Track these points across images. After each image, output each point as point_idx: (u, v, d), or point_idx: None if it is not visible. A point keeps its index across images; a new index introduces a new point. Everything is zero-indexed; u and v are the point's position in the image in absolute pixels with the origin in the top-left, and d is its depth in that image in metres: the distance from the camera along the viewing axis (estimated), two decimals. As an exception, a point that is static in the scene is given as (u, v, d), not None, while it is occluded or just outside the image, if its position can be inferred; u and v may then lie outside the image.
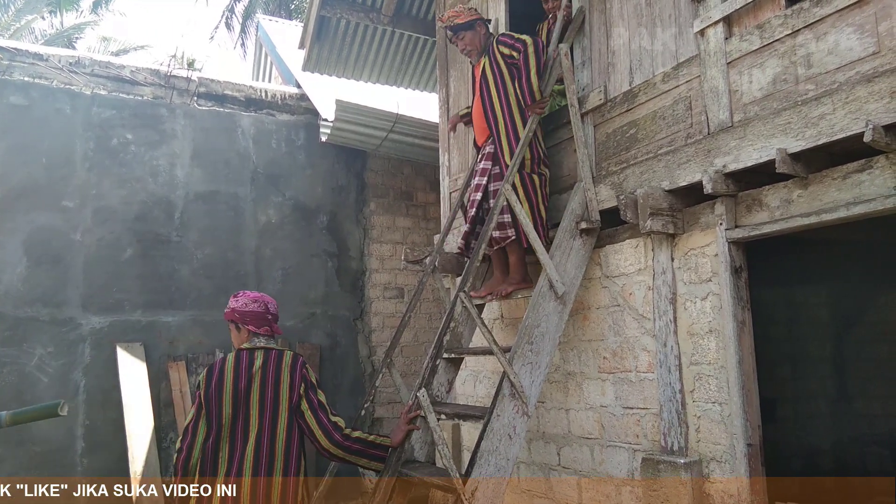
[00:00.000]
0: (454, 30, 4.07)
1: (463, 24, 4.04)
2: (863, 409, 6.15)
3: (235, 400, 2.70)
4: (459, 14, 4.06)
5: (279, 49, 8.86)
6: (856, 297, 6.16)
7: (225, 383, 2.72)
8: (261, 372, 2.75)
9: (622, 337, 3.65)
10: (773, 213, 2.98)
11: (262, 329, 2.87)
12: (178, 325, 6.52)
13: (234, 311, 2.89)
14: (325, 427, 2.78)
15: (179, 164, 6.75)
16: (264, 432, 2.69)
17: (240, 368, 2.75)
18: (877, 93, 2.47)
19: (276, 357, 2.81)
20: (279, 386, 2.76)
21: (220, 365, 2.78)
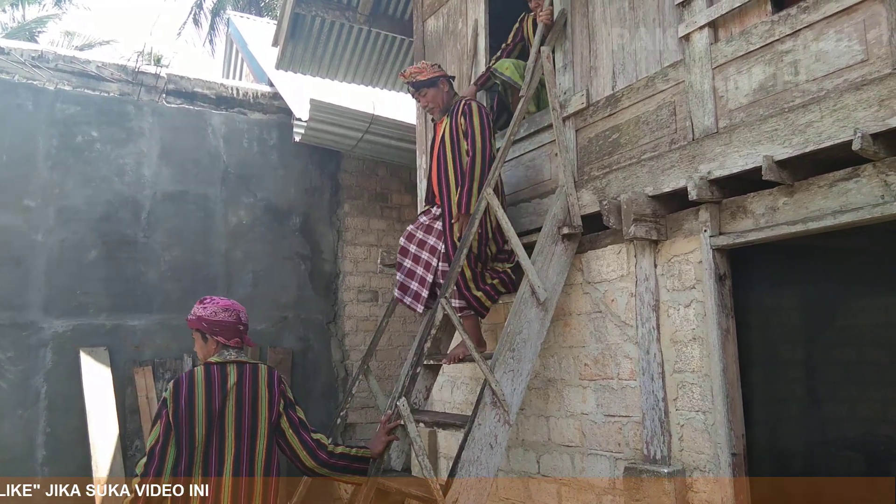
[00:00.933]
0: (416, 86, 3.93)
1: (425, 81, 3.91)
2: (832, 413, 6.23)
3: (209, 421, 2.48)
4: (422, 70, 3.93)
5: (251, 46, 8.68)
6: (825, 301, 6.24)
7: (196, 402, 2.48)
8: (236, 389, 2.55)
9: (604, 344, 3.60)
10: (759, 220, 2.96)
11: (232, 341, 2.65)
12: (145, 330, 6.33)
13: (202, 320, 2.64)
14: (309, 446, 2.64)
15: (147, 162, 6.56)
16: (242, 457, 2.50)
17: (212, 385, 2.52)
18: (865, 101, 2.46)
19: (251, 372, 2.62)
20: (257, 404, 2.58)
21: (189, 381, 2.52)
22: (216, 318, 2.64)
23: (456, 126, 3.83)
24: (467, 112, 3.81)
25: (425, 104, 3.99)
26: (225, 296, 6.59)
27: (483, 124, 3.79)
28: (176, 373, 6.32)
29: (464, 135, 3.79)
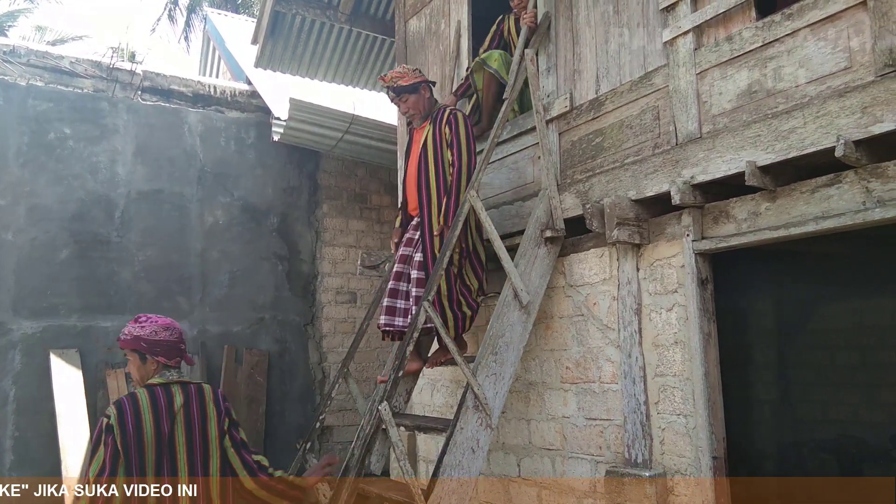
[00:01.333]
0: (397, 91, 3.81)
1: (407, 87, 3.79)
2: (805, 415, 6.31)
3: (159, 446, 2.39)
4: (403, 75, 3.82)
5: (229, 44, 8.57)
6: (798, 305, 6.33)
7: (144, 427, 2.38)
8: (184, 411, 2.46)
9: (586, 347, 3.60)
10: (741, 225, 2.98)
11: (173, 360, 2.56)
12: (118, 331, 6.02)
13: (141, 340, 2.53)
14: (250, 466, 2.58)
15: (121, 160, 6.43)
16: (197, 481, 2.43)
17: (159, 408, 2.43)
18: (848, 108, 2.48)
19: (196, 392, 2.54)
20: (207, 424, 2.50)
21: (133, 405, 2.41)
22: (157, 337, 2.55)
23: (440, 135, 3.76)
24: (453, 122, 3.74)
25: (405, 110, 3.89)
26: (201, 297, 6.54)
27: (469, 136, 3.75)
28: (149, 375, 6.20)
29: (448, 145, 3.73)
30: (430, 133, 3.80)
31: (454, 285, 3.62)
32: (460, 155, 3.70)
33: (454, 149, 3.71)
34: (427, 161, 3.77)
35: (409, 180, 3.95)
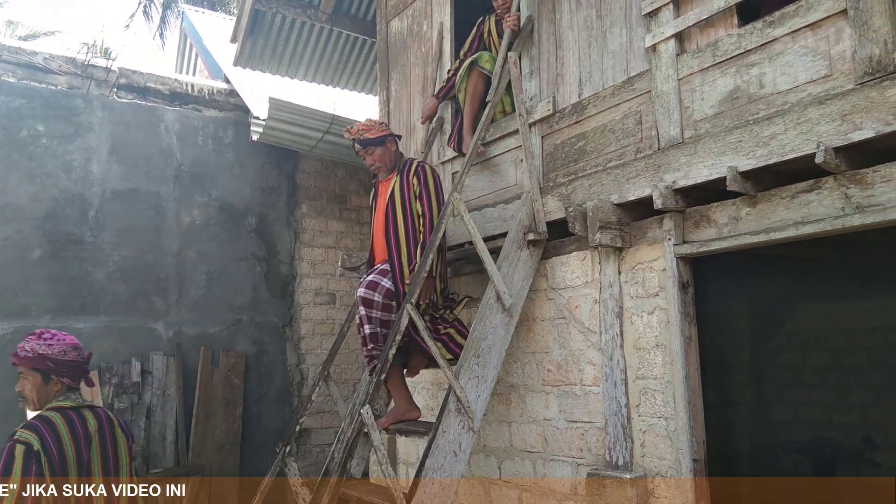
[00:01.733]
0: (363, 144, 3.79)
1: (374, 140, 3.77)
2: (779, 416, 6.41)
3: (80, 471, 2.34)
4: (370, 128, 3.79)
5: (206, 42, 8.47)
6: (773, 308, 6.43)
7: (67, 452, 2.32)
8: (98, 436, 2.43)
9: (567, 350, 3.61)
10: (721, 229, 3.01)
11: (77, 382, 2.50)
12: (91, 332, 6.09)
13: (46, 360, 2.40)
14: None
15: (96, 159, 6.32)
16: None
17: (76, 432, 2.36)
18: (828, 115, 2.52)
19: (105, 416, 2.52)
20: (118, 450, 2.49)
21: (52, 429, 2.33)
22: (65, 357, 2.45)
23: (408, 186, 3.73)
24: (421, 174, 3.72)
25: (371, 163, 3.83)
26: (177, 298, 6.45)
27: (437, 187, 3.74)
28: (123, 378, 6.11)
29: (416, 196, 3.70)
30: (398, 185, 3.76)
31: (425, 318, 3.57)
32: (430, 206, 3.67)
33: (423, 200, 3.68)
34: (395, 213, 3.73)
35: (376, 233, 3.88)
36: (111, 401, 5.94)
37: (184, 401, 6.30)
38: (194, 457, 6.15)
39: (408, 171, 3.76)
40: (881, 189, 2.45)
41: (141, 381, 6.15)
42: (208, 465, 6.22)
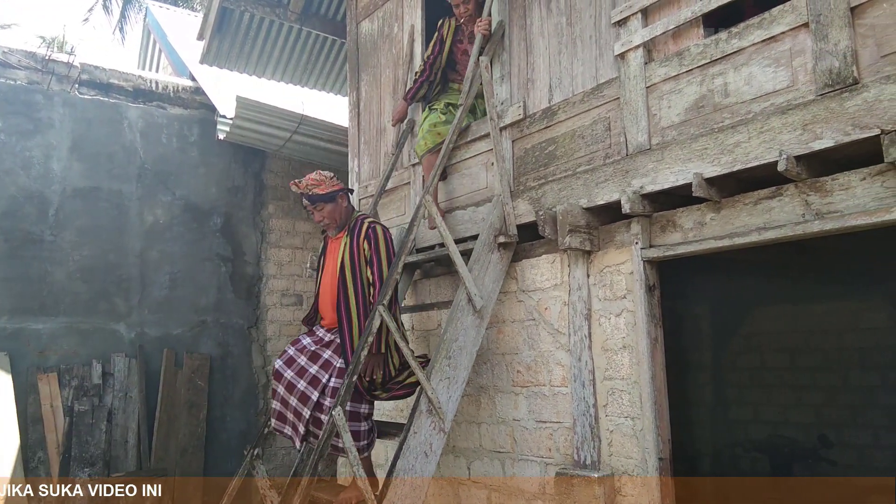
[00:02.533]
0: (312, 199, 3.58)
1: (323, 196, 3.58)
2: (739, 416, 6.58)
3: None
4: (320, 183, 3.59)
5: (171, 38, 8.34)
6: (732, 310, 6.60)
7: None
8: None
9: (537, 351, 3.66)
10: (687, 234, 3.09)
11: None
12: (50, 334, 5.95)
13: None
14: None
15: (56, 156, 6.18)
16: None
17: None
18: (790, 124, 2.61)
19: None
20: None
21: None
22: None
23: (358, 250, 3.56)
24: (372, 238, 3.56)
25: (320, 219, 3.63)
26: (140, 298, 6.34)
27: (389, 251, 3.58)
28: (84, 380, 5.98)
29: (367, 262, 3.55)
30: (348, 248, 3.58)
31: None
32: (381, 273, 3.51)
33: (374, 267, 3.53)
34: (345, 279, 3.54)
35: (323, 293, 3.70)
36: (71, 403, 5.81)
37: (146, 403, 6.20)
38: (157, 460, 6.05)
39: (358, 233, 3.57)
40: (839, 196, 2.55)
41: (102, 383, 6.03)
42: (172, 468, 6.12)
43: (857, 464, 5.71)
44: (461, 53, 4.34)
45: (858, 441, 5.78)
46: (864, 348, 5.98)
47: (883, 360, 5.81)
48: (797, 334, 6.29)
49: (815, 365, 6.18)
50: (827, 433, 5.52)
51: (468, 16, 4.18)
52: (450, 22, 4.38)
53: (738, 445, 6.11)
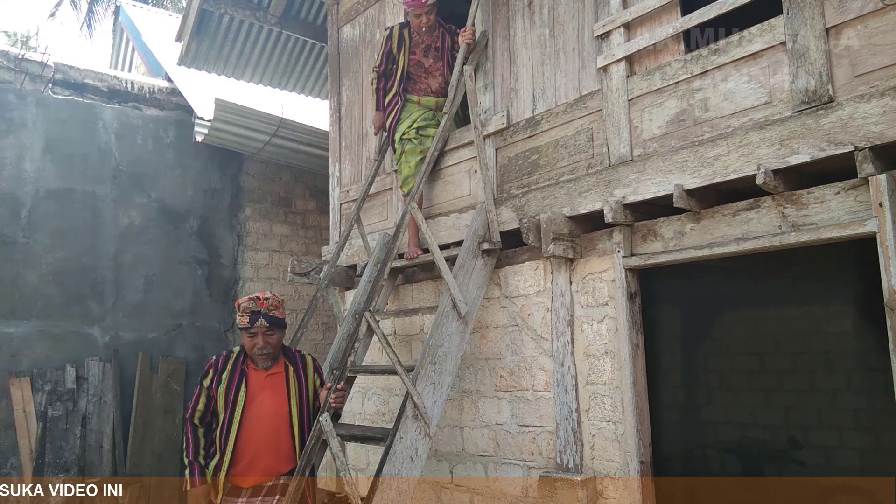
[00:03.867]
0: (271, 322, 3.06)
1: (280, 322, 3.13)
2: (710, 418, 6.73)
3: None
4: (279, 306, 3.15)
5: (145, 38, 8.24)
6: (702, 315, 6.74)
7: None
8: None
9: (520, 356, 3.73)
10: (668, 243, 3.18)
11: None
12: (22, 337, 5.85)
13: None
14: None
15: (29, 156, 6.08)
16: None
17: None
18: (768, 139, 2.71)
19: None
20: None
21: None
22: None
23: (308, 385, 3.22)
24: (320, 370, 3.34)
25: (265, 346, 3.04)
26: (114, 302, 6.26)
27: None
28: (57, 384, 5.89)
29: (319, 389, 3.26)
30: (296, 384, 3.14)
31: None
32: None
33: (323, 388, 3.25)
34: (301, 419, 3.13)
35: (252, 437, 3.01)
36: (44, 408, 5.72)
37: (121, 408, 6.12)
38: (132, 465, 5.98)
39: (304, 368, 3.22)
40: (815, 209, 2.66)
41: (76, 387, 5.94)
42: (147, 473, 6.06)
43: (823, 464, 5.89)
44: (414, 65, 4.30)
45: (824, 442, 5.96)
46: (830, 352, 6.16)
47: (848, 364, 6.00)
48: (766, 338, 6.46)
49: (784, 368, 6.36)
50: (795, 434, 5.68)
51: (426, 27, 4.19)
52: (400, 32, 4.29)
53: (709, 447, 6.24)
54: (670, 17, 3.17)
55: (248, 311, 3.03)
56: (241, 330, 3.09)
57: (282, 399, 3.10)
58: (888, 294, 2.43)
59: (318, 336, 7.27)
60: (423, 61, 4.30)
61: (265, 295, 3.11)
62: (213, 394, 3.04)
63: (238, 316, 3.07)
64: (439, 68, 4.31)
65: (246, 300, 3.08)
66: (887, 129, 2.39)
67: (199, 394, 3.07)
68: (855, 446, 5.79)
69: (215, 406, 3.06)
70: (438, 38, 4.32)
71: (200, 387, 3.08)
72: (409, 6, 4.13)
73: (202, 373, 3.11)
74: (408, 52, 4.30)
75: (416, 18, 4.19)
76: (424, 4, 4.11)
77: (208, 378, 3.07)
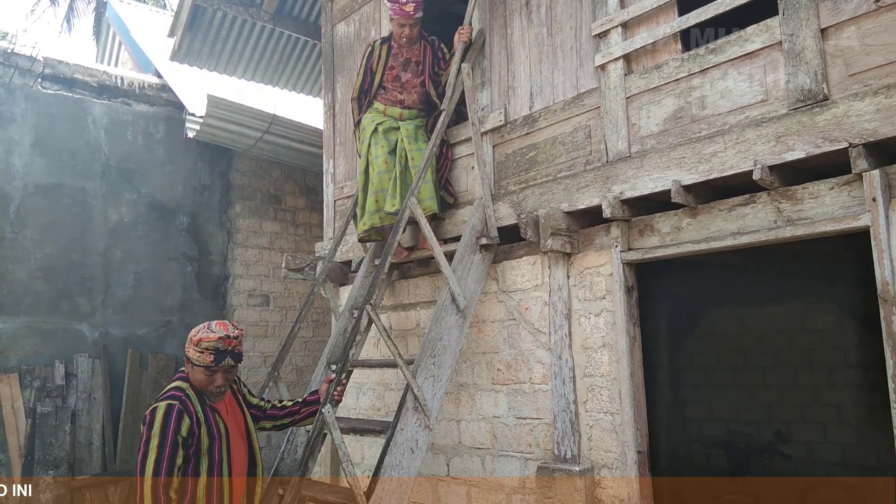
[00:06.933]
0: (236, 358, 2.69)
1: (241, 356, 2.75)
2: (696, 414, 6.84)
3: None
4: (242, 340, 2.79)
5: (134, 34, 8.18)
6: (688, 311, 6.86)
7: None
8: None
9: (517, 350, 3.78)
10: (664, 238, 3.25)
11: None
12: (11, 333, 5.80)
13: None
14: None
15: (18, 151, 6.03)
16: None
17: None
18: (764, 136, 2.79)
19: None
20: None
21: None
22: None
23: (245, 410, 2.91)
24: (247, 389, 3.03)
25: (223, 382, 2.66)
26: (103, 298, 6.22)
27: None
28: (46, 381, 5.84)
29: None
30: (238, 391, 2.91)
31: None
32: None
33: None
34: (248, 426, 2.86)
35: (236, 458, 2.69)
36: (33, 405, 5.67)
37: (111, 405, 6.09)
38: (122, 462, 5.95)
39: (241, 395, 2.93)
40: (809, 204, 2.74)
41: (65, 384, 5.90)
42: (136, 470, 6.02)
43: (805, 458, 6.02)
44: (392, 79, 4.26)
45: (807, 437, 6.10)
46: (813, 349, 6.30)
47: (829, 361, 6.14)
48: (750, 335, 6.58)
49: (767, 364, 6.48)
50: (778, 429, 5.80)
51: (408, 39, 4.17)
52: (380, 48, 4.26)
53: (695, 441, 6.35)
54: (668, 16, 3.25)
55: (212, 349, 2.60)
56: (196, 366, 2.61)
57: (239, 415, 2.83)
58: (881, 286, 2.51)
59: (307, 333, 7.27)
60: (402, 75, 4.25)
61: (234, 333, 2.68)
62: (192, 441, 2.53)
63: (195, 351, 2.60)
64: (415, 85, 4.26)
65: (214, 339, 2.60)
66: (880, 126, 2.47)
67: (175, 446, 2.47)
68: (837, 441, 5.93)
69: (195, 452, 2.55)
70: (419, 52, 4.27)
71: (174, 437, 2.47)
72: (396, 14, 4.09)
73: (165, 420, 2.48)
74: (384, 66, 4.24)
75: (399, 28, 4.15)
76: (411, 16, 4.08)
77: (185, 426, 2.50)
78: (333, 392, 3.17)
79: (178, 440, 2.47)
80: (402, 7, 4.06)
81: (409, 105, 4.29)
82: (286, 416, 3.03)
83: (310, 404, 3.08)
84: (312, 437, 3.17)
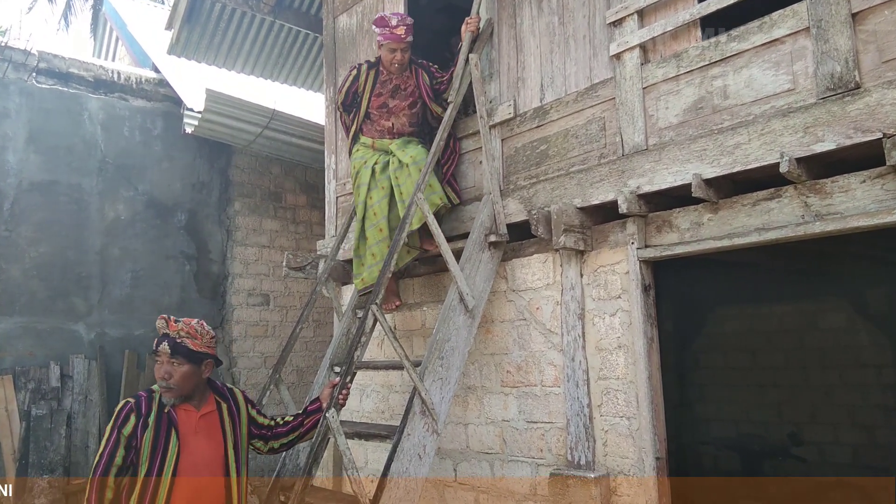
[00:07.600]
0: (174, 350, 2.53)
1: (190, 353, 2.56)
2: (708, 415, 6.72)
3: None
4: (196, 336, 2.65)
5: (131, 28, 8.04)
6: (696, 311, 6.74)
7: None
8: None
9: (527, 351, 3.65)
10: (684, 234, 3.11)
11: None
12: (5, 334, 5.66)
13: None
14: None
15: (12, 147, 5.89)
16: None
17: None
18: (791, 127, 2.65)
19: None
20: None
21: None
22: None
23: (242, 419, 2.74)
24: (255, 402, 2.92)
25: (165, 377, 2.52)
26: (100, 297, 6.08)
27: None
28: (41, 382, 5.70)
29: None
30: (231, 422, 2.67)
31: None
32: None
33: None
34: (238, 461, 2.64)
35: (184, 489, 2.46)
36: (28, 407, 5.53)
37: (107, 407, 5.94)
38: (119, 466, 5.80)
39: (236, 404, 2.75)
40: (839, 198, 2.61)
41: (60, 386, 5.76)
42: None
43: (817, 460, 5.90)
44: (378, 106, 4.05)
45: (818, 438, 5.97)
46: (824, 348, 6.17)
47: (841, 360, 6.01)
48: (759, 334, 6.46)
49: (777, 364, 6.36)
50: (792, 431, 5.67)
51: (399, 65, 3.98)
52: (367, 73, 4.05)
53: (706, 443, 6.22)
54: (687, 2, 3.11)
55: (159, 330, 2.60)
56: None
57: (218, 443, 2.60)
58: (919, 284, 2.37)
59: (308, 333, 7.14)
60: (389, 101, 4.04)
61: (180, 321, 2.63)
62: (135, 443, 2.42)
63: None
64: (403, 108, 4.06)
65: (159, 319, 2.64)
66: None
67: (116, 444, 2.40)
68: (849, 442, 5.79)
69: (135, 458, 2.42)
70: (410, 79, 4.06)
71: (117, 435, 2.41)
72: (386, 39, 3.89)
73: (116, 417, 2.45)
74: (371, 92, 4.03)
75: (389, 53, 3.95)
76: (402, 39, 3.89)
77: (129, 425, 2.42)
78: (338, 395, 3.03)
79: (120, 437, 2.43)
80: (393, 31, 3.88)
81: (398, 130, 4.07)
82: (291, 431, 2.87)
83: (311, 414, 2.93)
84: (316, 443, 3.03)
